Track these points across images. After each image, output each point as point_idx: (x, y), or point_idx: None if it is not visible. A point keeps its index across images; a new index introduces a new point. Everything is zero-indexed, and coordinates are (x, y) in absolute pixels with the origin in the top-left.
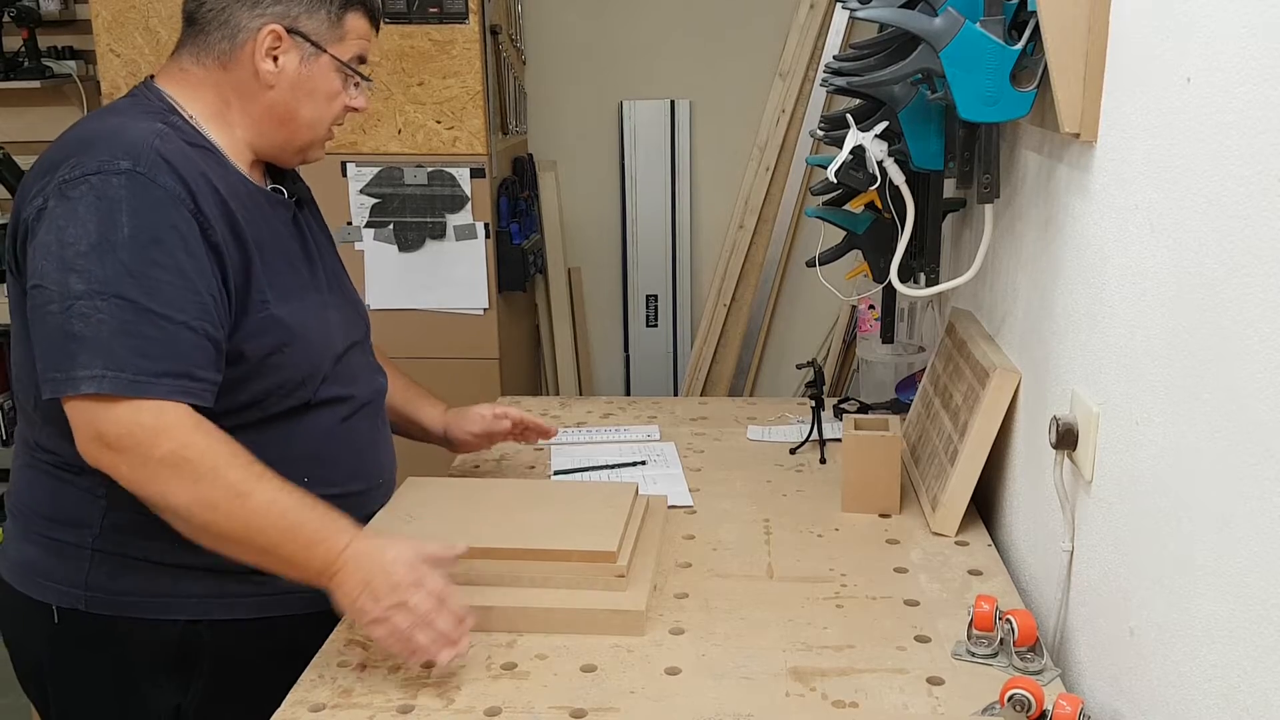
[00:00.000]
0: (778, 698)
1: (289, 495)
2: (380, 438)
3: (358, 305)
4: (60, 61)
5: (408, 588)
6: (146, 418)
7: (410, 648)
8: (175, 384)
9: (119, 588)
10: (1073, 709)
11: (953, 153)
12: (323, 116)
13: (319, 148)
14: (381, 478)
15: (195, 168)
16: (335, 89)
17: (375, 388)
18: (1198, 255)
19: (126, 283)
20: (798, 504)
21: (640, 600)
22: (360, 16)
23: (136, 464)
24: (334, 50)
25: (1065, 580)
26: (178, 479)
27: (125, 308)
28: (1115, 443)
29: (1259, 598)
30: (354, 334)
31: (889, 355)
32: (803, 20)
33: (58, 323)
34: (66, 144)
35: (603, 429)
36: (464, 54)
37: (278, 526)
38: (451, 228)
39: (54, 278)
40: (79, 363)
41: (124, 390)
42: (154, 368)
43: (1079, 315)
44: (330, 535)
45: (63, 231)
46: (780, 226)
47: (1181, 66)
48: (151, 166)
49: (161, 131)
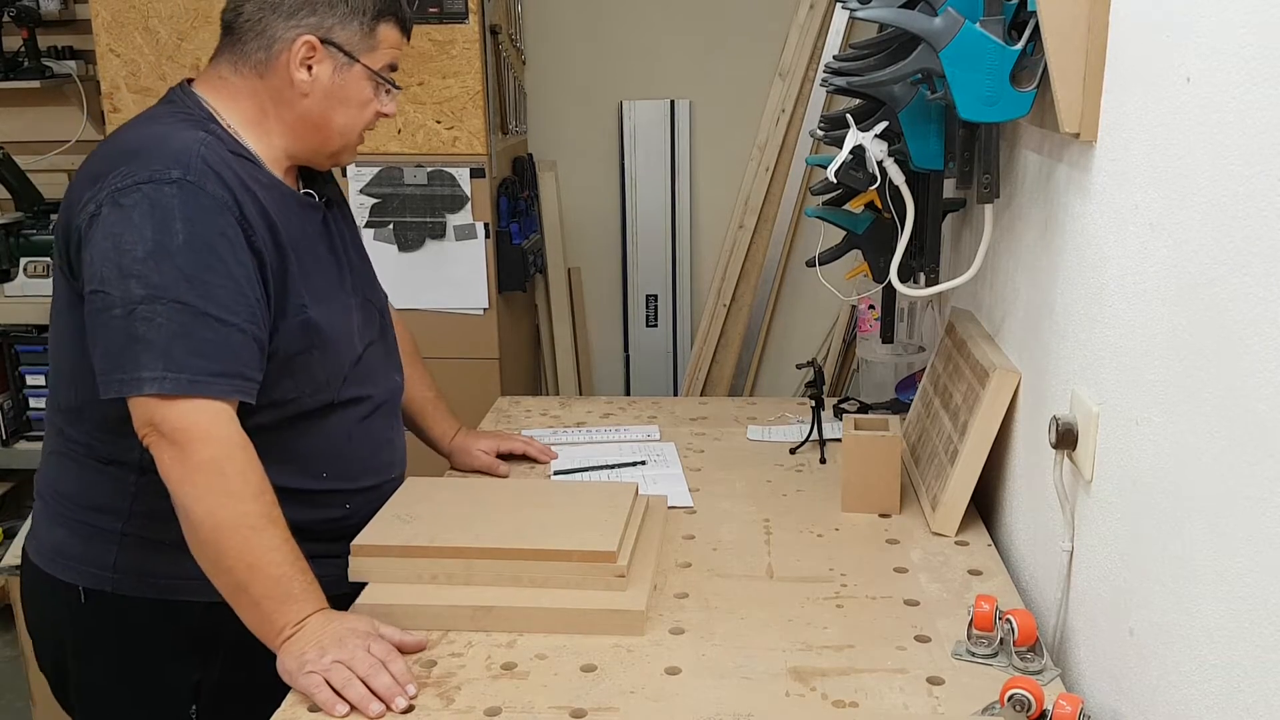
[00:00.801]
0: (778, 698)
1: (288, 547)
2: (395, 435)
3: (377, 302)
4: (60, 61)
5: (353, 647)
6: (202, 417)
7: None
8: (229, 384)
9: (145, 570)
10: (1073, 709)
11: (953, 153)
12: (355, 123)
13: (350, 152)
14: (394, 472)
15: (237, 176)
16: (367, 97)
17: (391, 386)
18: (1198, 255)
19: (183, 287)
20: (798, 504)
21: (640, 600)
22: (392, 27)
23: (178, 458)
24: (366, 60)
25: (1065, 580)
26: (207, 487)
27: (183, 311)
28: (1115, 443)
29: (1259, 598)
30: (370, 333)
31: (889, 355)
32: (803, 20)
33: (121, 326)
34: (112, 152)
35: (603, 429)
36: (464, 54)
37: (266, 572)
38: (451, 228)
39: (115, 283)
40: (142, 364)
41: (183, 390)
42: (210, 368)
43: (1079, 315)
44: (306, 599)
45: (119, 239)
46: (780, 226)
47: (1181, 66)
48: (200, 175)
49: (206, 140)
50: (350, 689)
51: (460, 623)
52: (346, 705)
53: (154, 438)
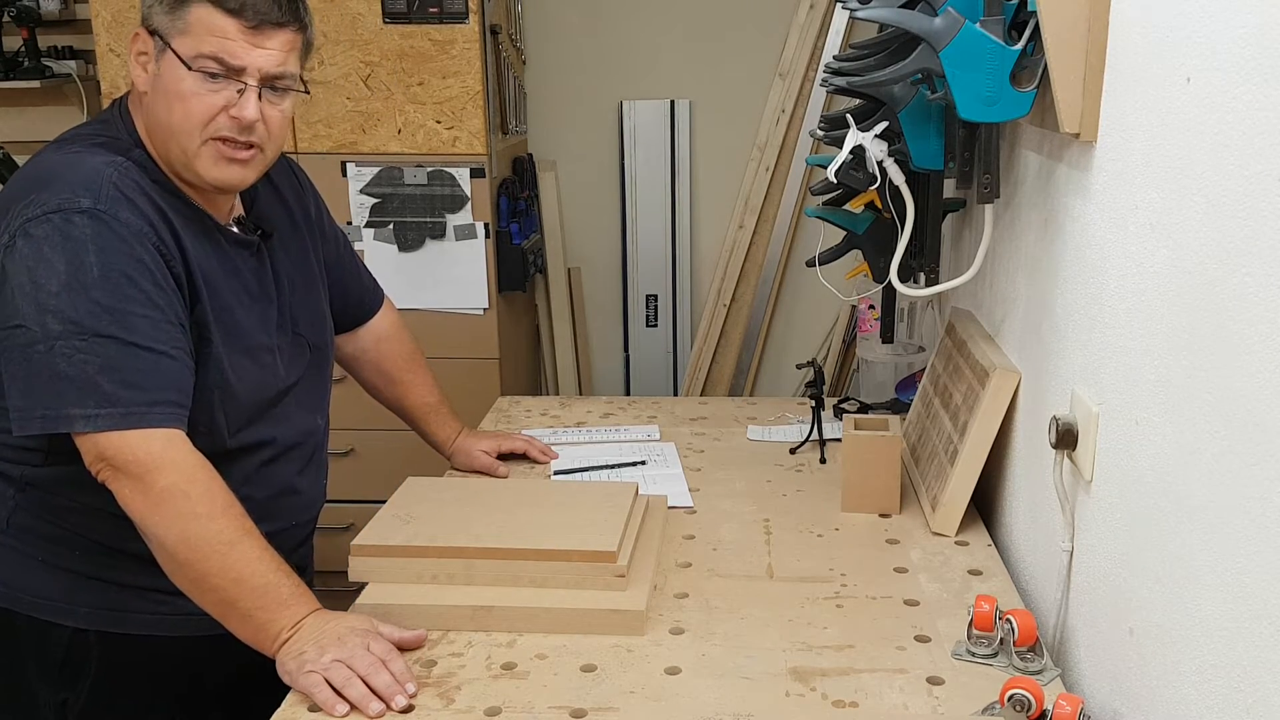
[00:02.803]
0: (778, 698)
1: (269, 555)
2: (304, 480)
3: (314, 339)
4: (60, 61)
5: (353, 645)
6: (150, 446)
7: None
8: (168, 411)
9: (17, 584)
10: (1073, 709)
11: (953, 153)
12: (187, 123)
13: (208, 163)
14: (298, 519)
15: (155, 204)
16: (187, 89)
17: (304, 429)
18: (1198, 255)
19: (104, 320)
20: (798, 504)
21: (640, 600)
22: (209, 9)
23: (138, 490)
24: (176, 44)
25: (1065, 580)
26: (174, 513)
27: (107, 344)
28: (1115, 443)
29: (1259, 598)
30: (293, 374)
31: (889, 355)
32: (803, 20)
33: (44, 361)
34: (25, 180)
35: (603, 429)
36: (464, 54)
37: (252, 584)
38: (451, 228)
39: (33, 318)
40: (68, 400)
41: (120, 424)
42: (146, 397)
43: (1079, 315)
44: (297, 603)
45: (33, 272)
46: (780, 226)
47: (1181, 66)
48: (111, 203)
49: (121, 164)
50: (350, 688)
51: (460, 623)
52: (347, 705)
53: (108, 473)
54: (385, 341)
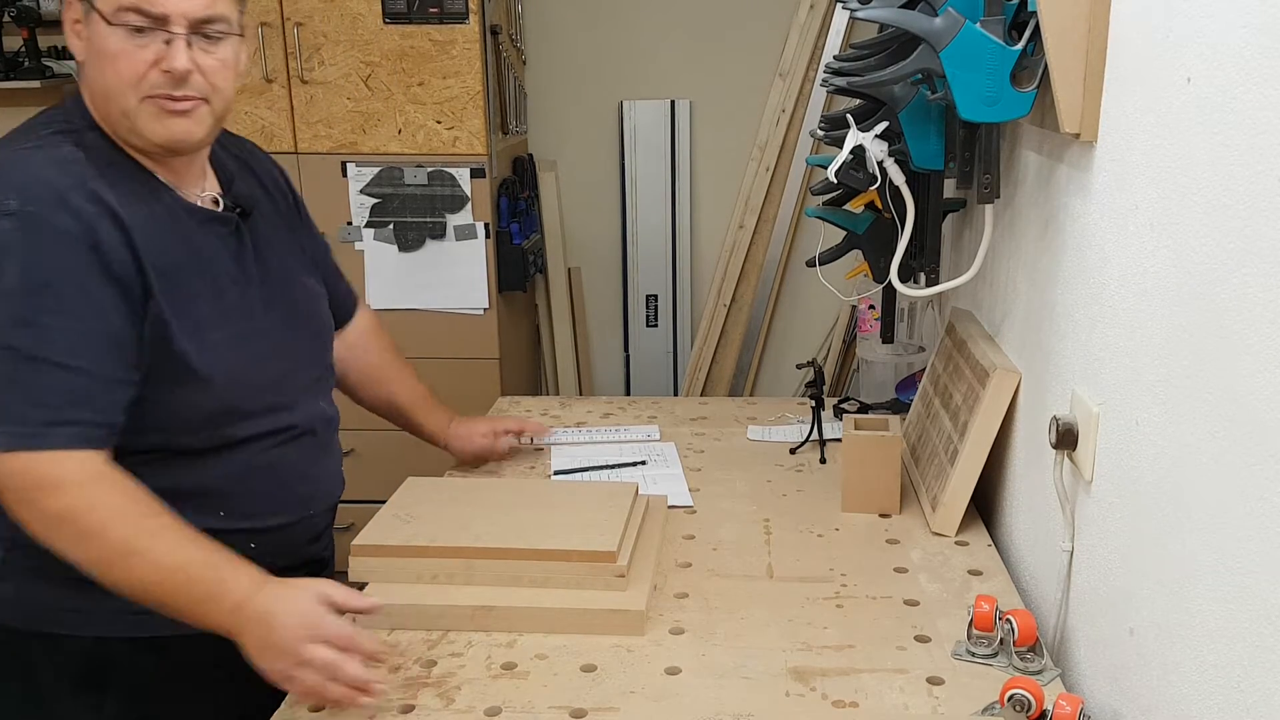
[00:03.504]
0: (778, 698)
1: (185, 550)
2: (318, 468)
3: (310, 324)
4: (60, 61)
5: (304, 643)
6: (44, 469)
7: (327, 699)
8: (72, 431)
9: (27, 600)
10: (1073, 709)
11: (953, 153)
12: (120, 83)
13: (149, 121)
14: (313, 509)
15: (96, 198)
16: (113, 46)
17: (315, 414)
18: (1198, 255)
19: (17, 332)
20: (798, 504)
21: (640, 600)
22: None
23: (35, 516)
24: (98, 2)
25: (1065, 580)
26: (69, 535)
27: (15, 358)
28: (1115, 443)
29: (1259, 597)
30: (290, 357)
31: (889, 355)
32: (803, 20)
33: None
34: None
35: (603, 429)
36: (464, 54)
37: (170, 583)
38: (451, 228)
39: None
40: None
41: (18, 444)
42: (48, 417)
43: (1079, 315)
44: (223, 593)
45: None
46: (780, 226)
47: (1181, 66)
48: (42, 204)
49: (63, 158)
50: (330, 688)
51: (460, 623)
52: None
53: (7, 496)
54: (368, 339)
